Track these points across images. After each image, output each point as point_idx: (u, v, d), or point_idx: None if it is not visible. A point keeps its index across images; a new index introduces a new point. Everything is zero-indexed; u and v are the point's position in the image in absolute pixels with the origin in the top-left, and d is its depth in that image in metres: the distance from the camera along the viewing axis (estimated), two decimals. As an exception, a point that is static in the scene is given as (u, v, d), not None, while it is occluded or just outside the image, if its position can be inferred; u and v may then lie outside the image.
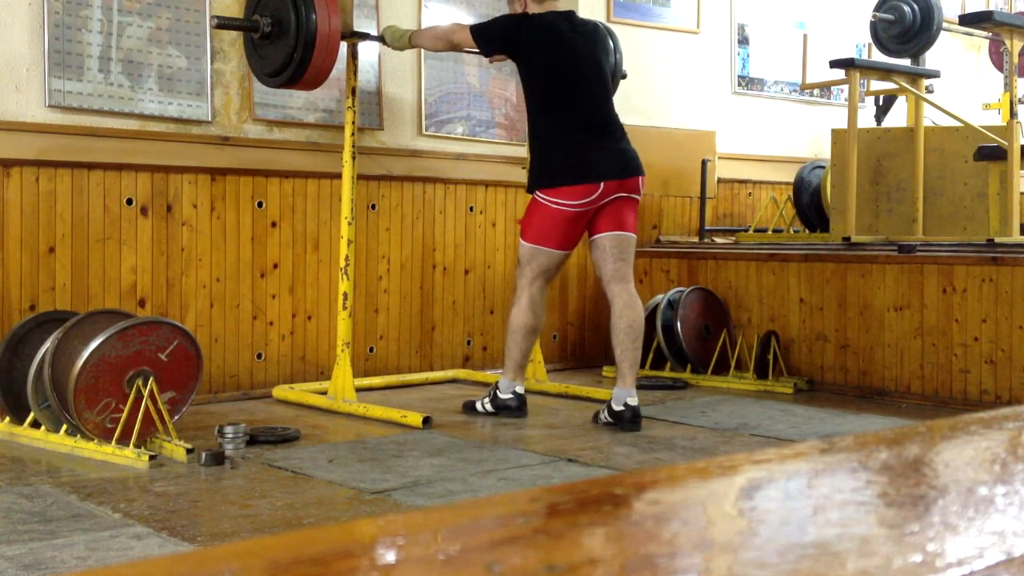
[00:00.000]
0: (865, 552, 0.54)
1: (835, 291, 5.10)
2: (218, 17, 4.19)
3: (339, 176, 4.60)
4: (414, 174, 5.24)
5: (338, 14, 4.12)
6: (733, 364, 5.26)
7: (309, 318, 4.89)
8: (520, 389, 4.31)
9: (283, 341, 4.81)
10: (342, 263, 4.42)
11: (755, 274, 5.42)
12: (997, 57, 7.18)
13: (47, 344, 3.50)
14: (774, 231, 6.22)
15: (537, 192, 4.14)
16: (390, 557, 0.54)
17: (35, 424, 3.58)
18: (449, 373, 5.29)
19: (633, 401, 4.04)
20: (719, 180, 6.48)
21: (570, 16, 4.22)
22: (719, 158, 6.39)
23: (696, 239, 6.27)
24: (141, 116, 4.41)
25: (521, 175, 4.84)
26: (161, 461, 3.36)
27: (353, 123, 4.39)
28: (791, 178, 6.48)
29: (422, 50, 5.18)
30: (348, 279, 4.42)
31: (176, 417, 3.58)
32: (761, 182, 6.84)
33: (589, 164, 4.06)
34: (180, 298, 4.51)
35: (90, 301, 4.25)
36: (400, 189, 5.21)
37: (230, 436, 3.57)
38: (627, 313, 4.11)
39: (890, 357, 4.90)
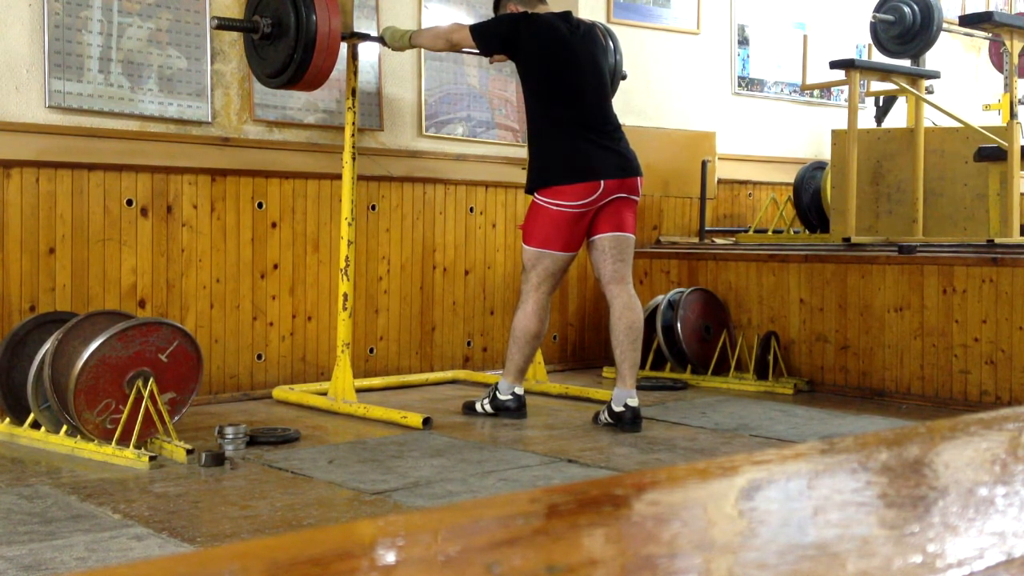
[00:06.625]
0: (865, 553, 0.54)
1: (835, 292, 5.10)
2: (218, 18, 4.19)
3: (339, 177, 4.60)
4: (414, 175, 5.24)
5: (338, 15, 4.12)
6: (733, 365, 5.26)
7: (309, 319, 4.89)
8: (519, 391, 4.31)
9: (283, 342, 4.81)
10: (342, 264, 4.42)
11: (755, 275, 5.42)
12: (997, 58, 7.18)
13: (47, 345, 3.50)
14: (774, 232, 6.22)
15: (537, 194, 4.14)
16: (390, 558, 0.54)
17: (35, 425, 3.58)
18: (449, 374, 5.29)
19: (633, 402, 4.04)
20: (719, 181, 6.48)
21: (567, 16, 4.22)
22: (719, 159, 6.39)
23: (696, 240, 6.27)
24: (141, 117, 4.41)
25: (521, 176, 4.84)
26: (161, 462, 3.36)
27: (353, 124, 4.39)
28: (791, 179, 6.48)
29: (422, 51, 5.18)
30: (348, 280, 4.42)
31: (176, 418, 3.58)
32: (761, 183, 6.84)
33: (589, 163, 4.06)
34: (180, 299, 4.51)
35: (90, 302, 4.25)
36: (400, 190, 5.21)
37: (230, 437, 3.57)
38: (626, 314, 4.11)
39: (890, 358, 4.90)
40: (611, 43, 4.84)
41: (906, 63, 6.34)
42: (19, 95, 4.14)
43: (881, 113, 6.63)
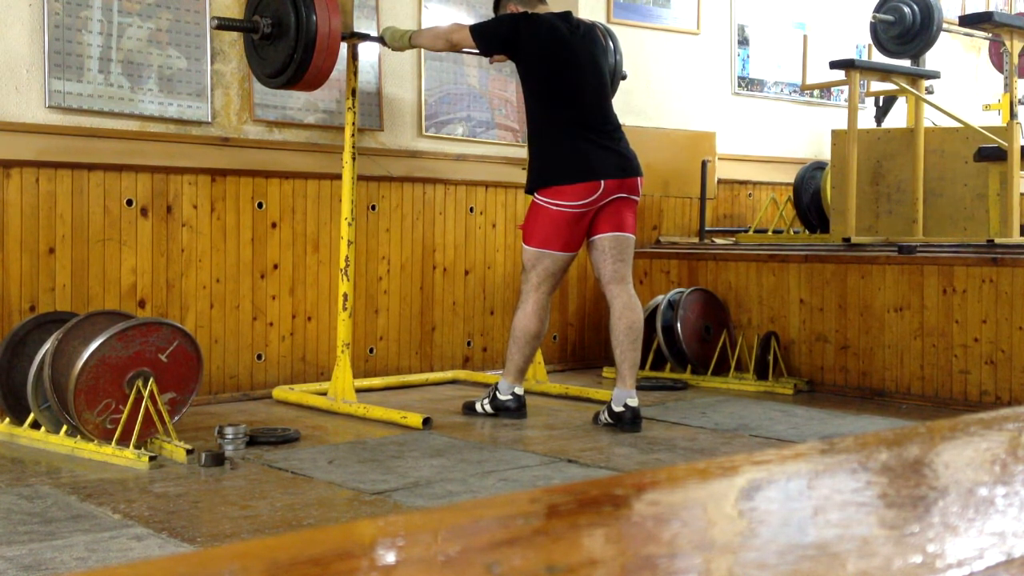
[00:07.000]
0: (865, 553, 0.54)
1: (835, 292, 5.10)
2: (218, 18, 4.19)
3: (339, 177, 4.60)
4: (414, 175, 5.24)
5: (338, 15, 4.12)
6: (733, 365, 5.25)
7: (309, 319, 4.89)
8: (519, 391, 4.31)
9: (283, 342, 4.81)
10: (342, 264, 4.42)
11: (755, 275, 5.42)
12: (997, 58, 7.18)
13: (47, 345, 3.50)
14: (774, 232, 6.22)
15: (537, 194, 4.14)
16: (390, 558, 0.54)
17: (35, 425, 3.58)
18: (449, 374, 5.29)
19: (633, 402, 4.04)
20: (719, 181, 6.48)
21: (567, 17, 4.22)
22: (719, 159, 6.39)
23: (696, 240, 6.27)
24: (141, 117, 4.41)
25: (521, 176, 4.84)
26: (161, 462, 3.36)
27: (353, 124, 4.39)
28: (791, 179, 6.48)
29: (422, 51, 5.18)
30: (348, 280, 4.42)
31: (176, 418, 3.58)
32: (761, 183, 6.84)
33: (589, 163, 4.06)
34: (180, 299, 4.51)
35: (90, 302, 4.25)
36: (400, 190, 5.21)
37: (230, 437, 3.57)
38: (627, 314, 4.11)
39: (890, 358, 4.90)
40: (611, 43, 4.84)
41: (906, 63, 6.34)
42: (19, 95, 4.14)
43: (881, 113, 6.63)
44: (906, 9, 6.29)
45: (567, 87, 4.11)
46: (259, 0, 4.24)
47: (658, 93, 6.37)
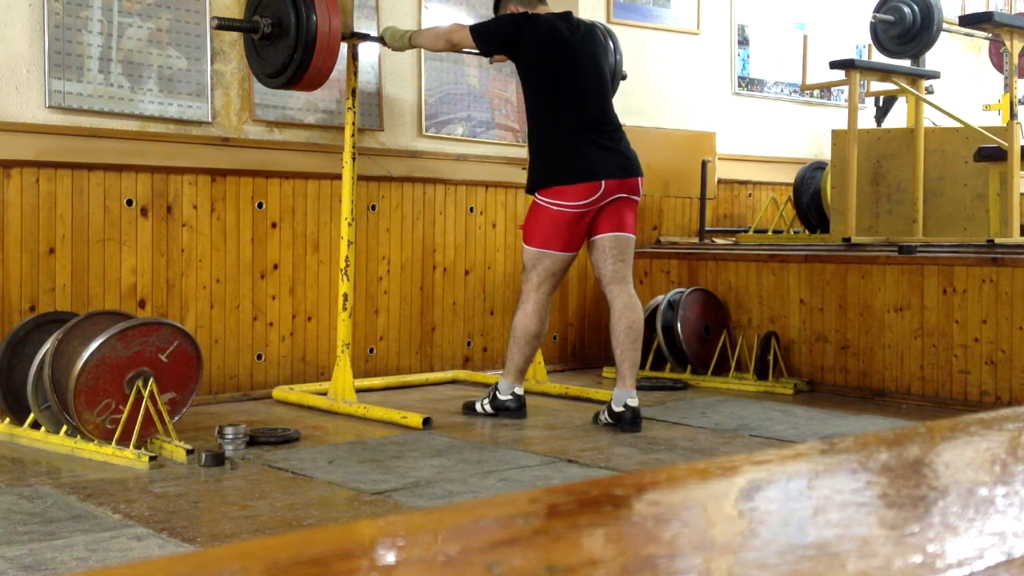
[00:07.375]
0: (865, 553, 0.54)
1: (835, 292, 5.10)
2: (218, 18, 4.19)
3: (339, 177, 4.60)
4: (414, 175, 5.24)
5: (338, 15, 4.12)
6: (733, 365, 5.25)
7: (309, 319, 4.89)
8: (519, 391, 4.31)
9: (283, 342, 4.81)
10: (342, 264, 4.42)
11: (755, 275, 5.42)
12: (997, 58, 7.18)
13: (47, 345, 3.50)
14: (774, 232, 6.22)
15: (537, 194, 4.14)
16: (390, 558, 0.54)
17: (35, 425, 3.58)
18: (449, 374, 5.29)
19: (633, 402, 4.04)
20: (719, 181, 6.48)
21: (567, 17, 4.22)
22: (719, 159, 6.39)
23: (696, 240, 6.27)
24: (141, 117, 4.41)
25: (521, 176, 4.84)
26: (161, 462, 3.36)
27: (353, 124, 4.39)
28: (791, 179, 6.48)
29: (422, 51, 5.18)
30: (348, 280, 4.42)
31: (176, 418, 3.58)
32: (761, 183, 6.84)
33: (590, 163, 4.06)
34: (180, 299, 4.51)
35: (90, 302, 4.25)
36: (400, 190, 5.21)
37: (230, 437, 3.57)
38: (627, 314, 4.11)
39: (890, 358, 4.90)
40: (611, 43, 4.84)
41: (906, 63, 6.34)
42: (19, 95, 4.14)
43: (881, 113, 6.63)
44: (906, 9, 6.29)
45: (567, 87, 4.11)
46: (259, 0, 4.24)
47: (658, 93, 6.37)
